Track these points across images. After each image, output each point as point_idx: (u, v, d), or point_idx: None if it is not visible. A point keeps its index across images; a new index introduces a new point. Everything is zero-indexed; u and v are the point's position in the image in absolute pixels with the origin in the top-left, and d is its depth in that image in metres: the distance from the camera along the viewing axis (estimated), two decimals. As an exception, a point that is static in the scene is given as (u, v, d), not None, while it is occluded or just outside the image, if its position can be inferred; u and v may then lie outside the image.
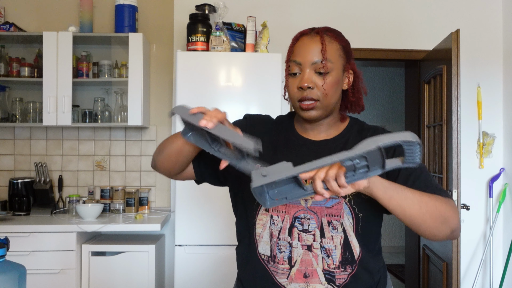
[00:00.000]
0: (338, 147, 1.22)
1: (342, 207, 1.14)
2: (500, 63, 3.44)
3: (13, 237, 2.55)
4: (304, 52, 1.17)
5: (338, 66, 1.18)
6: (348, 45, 1.23)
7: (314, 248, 1.15)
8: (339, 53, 1.19)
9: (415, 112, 3.49)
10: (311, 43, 1.17)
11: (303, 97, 1.16)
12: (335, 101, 1.20)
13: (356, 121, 1.31)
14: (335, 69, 1.17)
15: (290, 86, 1.20)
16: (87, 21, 3.15)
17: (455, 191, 2.65)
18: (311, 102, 1.16)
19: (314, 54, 1.16)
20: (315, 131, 1.24)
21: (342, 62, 1.19)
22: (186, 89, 2.76)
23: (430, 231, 1.06)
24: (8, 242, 1.13)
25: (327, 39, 1.17)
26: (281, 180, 0.92)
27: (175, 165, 1.20)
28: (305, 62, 1.16)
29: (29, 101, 3.18)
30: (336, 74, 1.17)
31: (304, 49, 1.17)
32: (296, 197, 0.97)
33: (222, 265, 2.67)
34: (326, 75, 1.15)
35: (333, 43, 1.18)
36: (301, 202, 1.16)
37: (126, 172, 3.34)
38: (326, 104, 1.17)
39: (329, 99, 1.17)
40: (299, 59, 1.17)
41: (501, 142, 3.42)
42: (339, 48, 1.19)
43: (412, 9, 3.43)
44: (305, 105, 1.16)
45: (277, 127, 1.30)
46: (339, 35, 1.23)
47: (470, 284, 3.30)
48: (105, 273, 2.76)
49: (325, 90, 1.15)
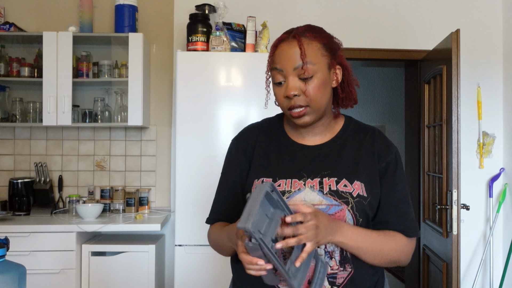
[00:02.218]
0: (334, 151, 1.22)
1: (345, 214, 1.14)
2: (500, 63, 3.44)
3: (13, 237, 2.55)
4: (284, 59, 1.14)
5: (322, 66, 1.15)
6: (330, 40, 1.19)
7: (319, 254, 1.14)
8: (321, 52, 1.15)
9: (415, 112, 3.49)
10: (289, 48, 1.14)
11: (292, 106, 1.15)
12: (325, 102, 1.18)
13: (351, 121, 1.30)
14: (319, 70, 1.14)
15: (277, 95, 1.18)
16: (87, 21, 3.15)
17: (455, 191, 2.65)
18: (300, 109, 1.15)
19: (294, 59, 1.12)
20: (311, 134, 1.24)
21: (326, 60, 1.16)
22: (186, 89, 2.76)
23: (374, 264, 1.19)
24: (8, 242, 1.13)
25: (306, 41, 1.13)
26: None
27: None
28: (286, 69, 1.14)
29: (29, 101, 3.18)
30: (321, 75, 1.14)
31: (283, 55, 1.14)
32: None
33: (222, 265, 2.67)
34: (310, 80, 1.13)
35: (312, 44, 1.14)
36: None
37: (126, 172, 3.34)
38: (317, 107, 1.16)
39: (318, 102, 1.15)
40: (280, 66, 1.15)
41: (501, 142, 3.42)
42: (320, 47, 1.15)
43: (412, 9, 3.43)
44: (295, 113, 1.16)
45: (266, 133, 1.29)
46: (319, 32, 1.18)
47: (470, 284, 3.30)
48: (105, 273, 2.76)
49: (311, 95, 1.13)
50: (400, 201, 1.21)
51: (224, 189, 1.30)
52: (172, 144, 3.33)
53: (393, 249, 1.18)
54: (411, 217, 1.22)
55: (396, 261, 1.20)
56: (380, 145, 1.24)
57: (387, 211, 1.20)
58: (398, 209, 1.20)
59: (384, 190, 1.20)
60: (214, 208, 1.32)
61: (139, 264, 2.77)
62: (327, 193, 1.14)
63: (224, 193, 1.29)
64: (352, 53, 3.37)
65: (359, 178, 1.17)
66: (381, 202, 1.20)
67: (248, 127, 1.34)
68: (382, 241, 1.16)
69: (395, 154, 1.24)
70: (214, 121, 2.76)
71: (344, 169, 1.18)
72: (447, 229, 2.71)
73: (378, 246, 1.15)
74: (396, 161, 1.23)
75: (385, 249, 1.17)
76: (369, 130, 1.27)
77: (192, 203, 2.73)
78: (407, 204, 1.22)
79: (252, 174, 1.23)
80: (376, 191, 1.19)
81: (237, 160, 1.27)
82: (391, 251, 1.18)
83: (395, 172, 1.22)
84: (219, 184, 1.32)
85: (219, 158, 2.73)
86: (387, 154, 1.22)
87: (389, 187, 1.21)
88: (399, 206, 1.21)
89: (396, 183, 1.21)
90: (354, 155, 1.21)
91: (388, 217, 1.20)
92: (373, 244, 1.14)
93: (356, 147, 1.23)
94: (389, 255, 1.18)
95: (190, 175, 2.74)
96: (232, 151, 1.31)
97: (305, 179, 1.17)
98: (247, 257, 0.97)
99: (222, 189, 1.31)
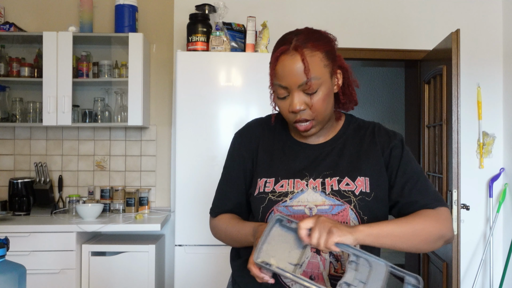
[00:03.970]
0: (335, 149, 1.22)
1: (348, 213, 1.13)
2: (500, 63, 3.44)
3: (13, 237, 2.55)
4: (288, 76, 1.09)
5: (326, 77, 1.12)
6: (331, 45, 1.15)
7: (323, 252, 1.13)
8: (324, 63, 1.11)
9: (415, 112, 3.49)
10: (292, 64, 1.08)
11: (297, 120, 1.14)
12: (330, 111, 1.18)
13: (352, 118, 1.29)
14: (323, 82, 1.11)
15: (282, 109, 1.16)
16: (87, 21, 3.15)
17: (455, 191, 2.65)
18: (306, 123, 1.14)
19: (298, 76, 1.08)
20: (314, 136, 1.23)
21: (329, 69, 1.13)
22: (186, 89, 2.76)
23: (426, 250, 1.14)
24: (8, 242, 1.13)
25: (308, 54, 1.09)
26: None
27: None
28: (291, 86, 1.10)
29: (29, 101, 3.18)
30: (325, 87, 1.12)
31: (287, 72, 1.10)
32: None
33: (222, 265, 2.67)
34: (315, 93, 1.11)
35: (315, 56, 1.09)
36: (305, 211, 1.15)
37: (126, 172, 3.34)
38: (322, 118, 1.16)
39: (323, 114, 1.15)
40: (284, 83, 1.11)
41: (501, 142, 3.42)
42: (323, 58, 1.11)
43: (412, 9, 3.43)
44: (302, 127, 1.15)
45: (270, 130, 1.29)
46: (320, 39, 1.13)
47: (470, 284, 3.30)
48: (105, 273, 2.76)
49: (317, 109, 1.12)
50: (416, 178, 1.18)
51: (228, 183, 1.29)
52: (172, 144, 3.33)
53: (426, 225, 1.10)
54: (432, 190, 1.18)
55: (440, 235, 1.11)
56: (382, 135, 1.23)
57: (409, 191, 1.16)
58: (417, 185, 1.17)
59: (395, 173, 1.18)
60: (217, 201, 1.31)
61: (139, 264, 2.77)
62: (329, 194, 1.14)
63: (227, 187, 1.29)
64: (352, 53, 3.37)
65: (362, 173, 1.17)
66: (394, 186, 1.17)
67: (252, 122, 1.33)
68: (408, 223, 1.09)
69: (400, 140, 1.22)
70: (214, 121, 2.76)
71: (345, 167, 1.18)
72: (447, 229, 2.71)
73: (408, 228, 1.08)
74: (402, 144, 1.22)
75: (417, 228, 1.09)
76: (369, 125, 1.26)
77: (192, 203, 2.73)
78: (424, 179, 1.19)
79: (256, 174, 1.24)
80: (383, 183, 1.18)
81: (240, 157, 1.27)
82: (428, 225, 1.10)
83: (402, 153, 1.20)
84: (222, 177, 1.32)
85: (219, 158, 2.73)
86: (390, 141, 1.21)
87: (399, 168, 1.18)
88: (417, 182, 1.17)
89: (406, 161, 1.19)
90: (356, 150, 1.21)
91: (412, 197, 1.16)
92: (401, 228, 1.08)
93: (357, 143, 1.22)
94: (428, 230, 1.10)
95: (190, 175, 2.74)
96: (235, 146, 1.30)
97: (307, 178, 1.17)
98: (256, 271, 1.02)
99: (225, 183, 1.30)
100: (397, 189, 1.18)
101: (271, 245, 1.03)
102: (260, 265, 1.00)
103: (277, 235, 1.05)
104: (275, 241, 1.04)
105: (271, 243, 1.03)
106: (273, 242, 1.03)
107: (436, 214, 1.13)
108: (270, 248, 1.02)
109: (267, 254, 1.02)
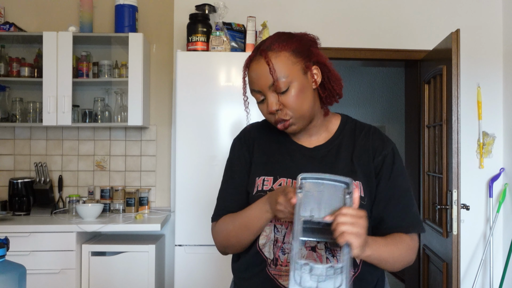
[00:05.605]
0: (332, 151, 1.22)
1: None
2: (500, 63, 3.44)
3: (13, 237, 2.55)
4: (257, 80, 1.15)
5: (296, 74, 1.14)
6: (300, 44, 1.16)
7: (319, 249, 1.14)
8: (291, 61, 1.13)
9: (415, 112, 3.49)
10: (259, 67, 1.14)
11: (276, 121, 1.17)
12: (308, 107, 1.17)
13: (348, 120, 1.29)
14: (293, 80, 1.13)
15: (262, 112, 1.20)
16: (87, 21, 3.15)
17: (455, 191, 2.65)
18: (283, 122, 1.17)
19: (266, 78, 1.13)
20: (305, 135, 1.24)
21: (299, 66, 1.14)
22: (186, 89, 2.76)
23: (389, 270, 1.19)
24: (8, 242, 1.13)
25: (273, 55, 1.12)
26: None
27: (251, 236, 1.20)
28: (262, 89, 1.15)
29: (29, 101, 3.18)
30: (297, 84, 1.14)
31: (256, 76, 1.15)
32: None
33: (222, 265, 2.67)
34: (287, 92, 1.13)
35: (280, 56, 1.13)
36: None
37: (126, 172, 3.34)
38: (300, 115, 1.16)
39: (300, 110, 1.15)
40: (256, 87, 1.16)
41: (501, 142, 3.42)
42: (289, 56, 1.13)
43: (412, 9, 3.43)
44: (280, 126, 1.18)
45: (266, 131, 1.30)
46: (286, 39, 1.16)
47: (470, 284, 3.30)
48: (105, 273, 2.76)
49: (291, 106, 1.14)
50: (402, 195, 1.19)
51: (231, 186, 1.28)
52: (172, 144, 3.33)
53: (403, 252, 1.17)
54: (413, 212, 1.20)
55: (407, 263, 1.19)
56: (376, 140, 1.23)
57: (386, 206, 1.18)
58: (400, 203, 1.18)
59: (382, 184, 1.19)
60: (220, 205, 1.29)
61: (139, 264, 2.77)
62: None
63: (230, 191, 1.28)
64: (352, 53, 3.37)
65: (357, 177, 1.17)
66: (377, 196, 1.18)
67: (248, 126, 1.35)
68: (397, 249, 1.15)
69: (392, 148, 1.22)
70: (214, 121, 2.76)
71: (341, 171, 1.17)
72: (447, 229, 2.71)
73: (395, 253, 1.14)
74: (394, 154, 1.22)
75: (400, 254, 1.16)
76: (364, 128, 1.26)
77: (192, 203, 2.73)
78: (409, 198, 1.20)
79: (253, 172, 1.24)
80: (372, 189, 1.19)
81: (242, 158, 1.27)
82: (402, 255, 1.16)
83: (393, 165, 1.20)
84: (224, 182, 1.31)
85: (219, 158, 2.73)
86: (383, 148, 1.21)
87: (388, 180, 1.19)
88: (401, 200, 1.19)
89: (396, 175, 1.19)
90: (350, 153, 1.21)
91: (386, 213, 1.18)
92: (392, 254, 1.13)
93: (351, 146, 1.22)
94: (401, 258, 1.16)
95: (190, 175, 2.74)
96: (235, 149, 1.31)
97: None
98: (290, 193, 1.02)
99: (227, 187, 1.29)
100: (382, 201, 1.19)
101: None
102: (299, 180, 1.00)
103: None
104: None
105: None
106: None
107: (410, 241, 1.19)
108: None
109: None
